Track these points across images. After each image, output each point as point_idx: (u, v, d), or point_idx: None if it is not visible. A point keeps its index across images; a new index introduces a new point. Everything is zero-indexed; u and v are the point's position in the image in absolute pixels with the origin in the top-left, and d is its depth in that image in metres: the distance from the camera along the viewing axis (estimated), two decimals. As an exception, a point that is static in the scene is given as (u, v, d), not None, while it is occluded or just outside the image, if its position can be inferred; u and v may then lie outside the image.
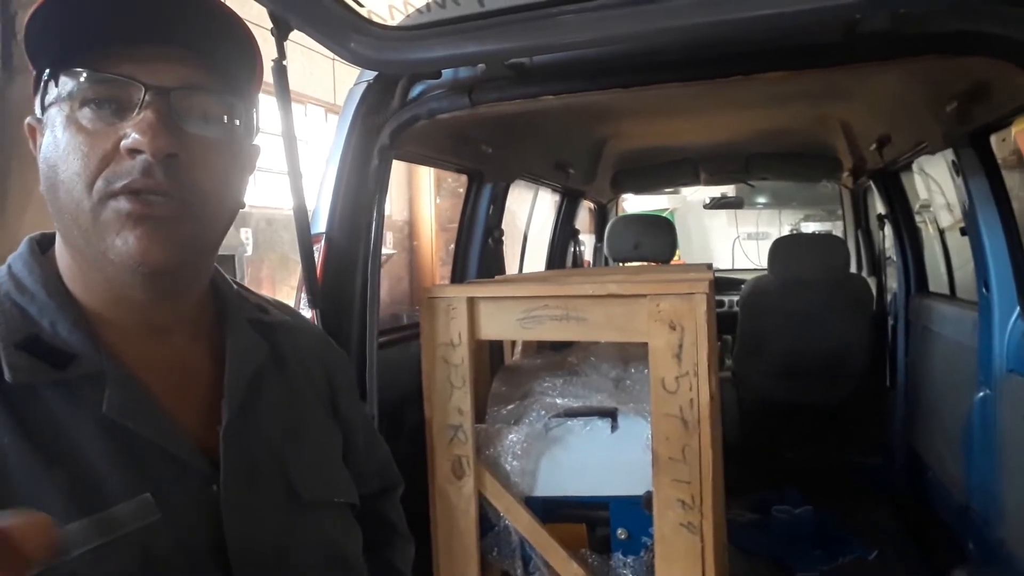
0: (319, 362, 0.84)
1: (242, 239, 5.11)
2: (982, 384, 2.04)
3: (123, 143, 0.60)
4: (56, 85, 0.62)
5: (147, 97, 0.61)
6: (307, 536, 0.71)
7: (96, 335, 0.64)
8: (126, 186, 0.60)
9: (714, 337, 1.61)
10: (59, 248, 0.68)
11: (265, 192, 5.85)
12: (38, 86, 0.64)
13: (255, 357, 0.74)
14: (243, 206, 0.72)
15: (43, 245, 0.70)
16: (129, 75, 0.61)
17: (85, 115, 0.61)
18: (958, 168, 2.00)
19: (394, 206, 7.24)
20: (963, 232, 2.25)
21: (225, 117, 0.66)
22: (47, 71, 0.63)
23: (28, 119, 0.67)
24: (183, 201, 0.62)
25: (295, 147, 1.27)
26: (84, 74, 0.61)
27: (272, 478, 0.70)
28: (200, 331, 0.73)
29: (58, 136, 0.62)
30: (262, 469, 0.69)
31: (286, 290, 5.71)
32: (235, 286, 0.79)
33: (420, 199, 7.56)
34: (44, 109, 0.63)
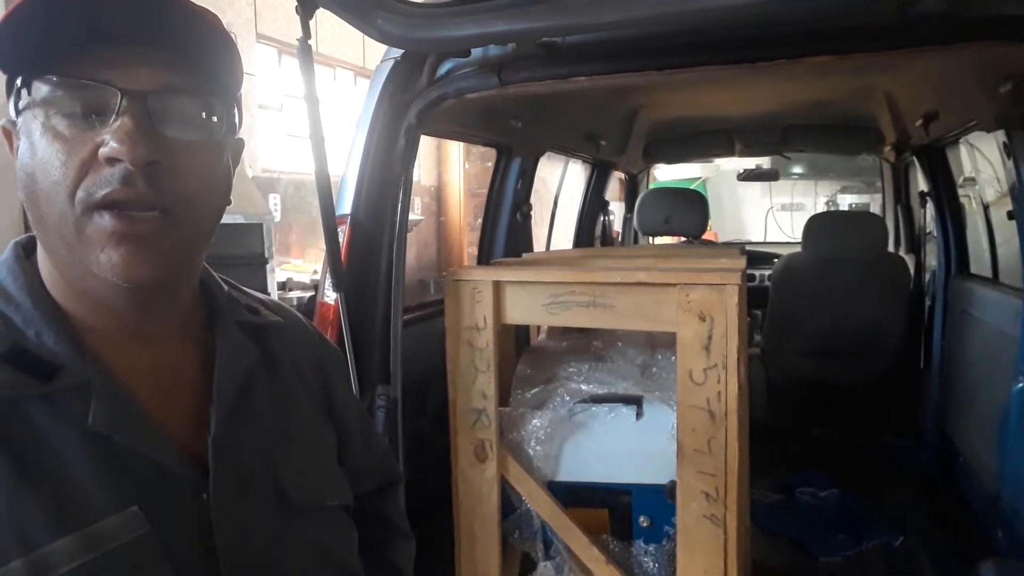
0: (313, 362, 0.82)
1: (270, 206, 5.13)
2: (1022, 375, 1.98)
3: (101, 151, 0.58)
4: (29, 92, 0.60)
5: (124, 102, 0.59)
6: (299, 542, 0.71)
7: (82, 343, 0.63)
8: (107, 196, 0.58)
9: (744, 328, 1.57)
10: (41, 255, 0.66)
11: (294, 158, 5.85)
12: (11, 90, 0.62)
13: (245, 362, 0.72)
14: (229, 203, 0.70)
15: (28, 249, 0.68)
16: (104, 80, 0.59)
17: (61, 122, 0.59)
18: (1009, 150, 1.91)
19: (422, 171, 7.20)
20: (1010, 216, 2.17)
21: (205, 117, 0.64)
22: (20, 78, 0.60)
23: (3, 122, 0.65)
24: (167, 211, 0.61)
25: (322, 143, 1.25)
26: (58, 80, 0.59)
27: (263, 484, 0.69)
28: (189, 336, 0.71)
29: (35, 143, 0.59)
30: (252, 476, 0.68)
31: (314, 252, 5.74)
32: (226, 287, 0.77)
33: (449, 164, 7.50)
34: (19, 113, 0.61)
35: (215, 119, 0.65)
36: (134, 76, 0.59)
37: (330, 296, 1.53)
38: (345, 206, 1.58)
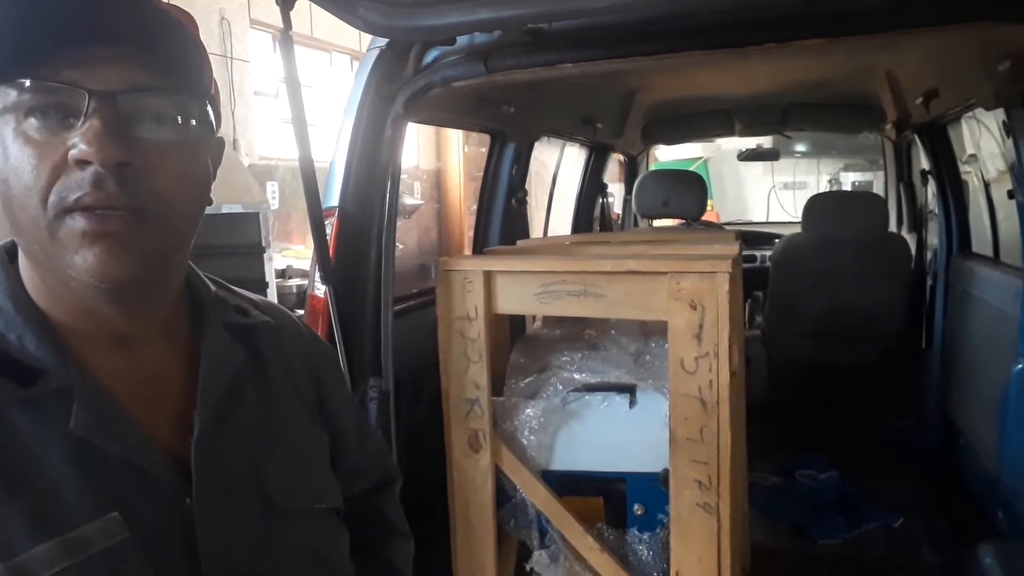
0: (304, 362, 0.81)
1: (268, 194, 5.11)
2: (1022, 356, 1.96)
3: (71, 154, 0.57)
4: None
5: (92, 103, 0.57)
6: (286, 546, 0.70)
7: (64, 347, 0.63)
8: (78, 201, 0.58)
9: (738, 316, 1.56)
10: (23, 259, 0.66)
11: (291, 144, 5.83)
12: None
13: (230, 364, 0.72)
14: (210, 203, 0.69)
15: (12, 253, 0.67)
16: (72, 81, 0.58)
17: (32, 125, 0.58)
18: (1008, 129, 1.88)
19: (422, 156, 7.17)
20: (1010, 195, 2.14)
21: (179, 117, 0.63)
22: None
23: None
24: (140, 212, 0.60)
25: (306, 136, 1.24)
26: (26, 83, 0.58)
27: (248, 489, 0.68)
28: (174, 338, 0.70)
29: (7, 148, 0.59)
30: (237, 480, 0.68)
31: (315, 239, 5.73)
32: (213, 288, 0.76)
33: (448, 149, 7.46)
34: None
35: (190, 119, 0.64)
36: (103, 76, 0.58)
37: (320, 289, 1.52)
38: (333, 198, 1.57)
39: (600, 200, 3.71)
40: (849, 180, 5.91)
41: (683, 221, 3.47)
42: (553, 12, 1.28)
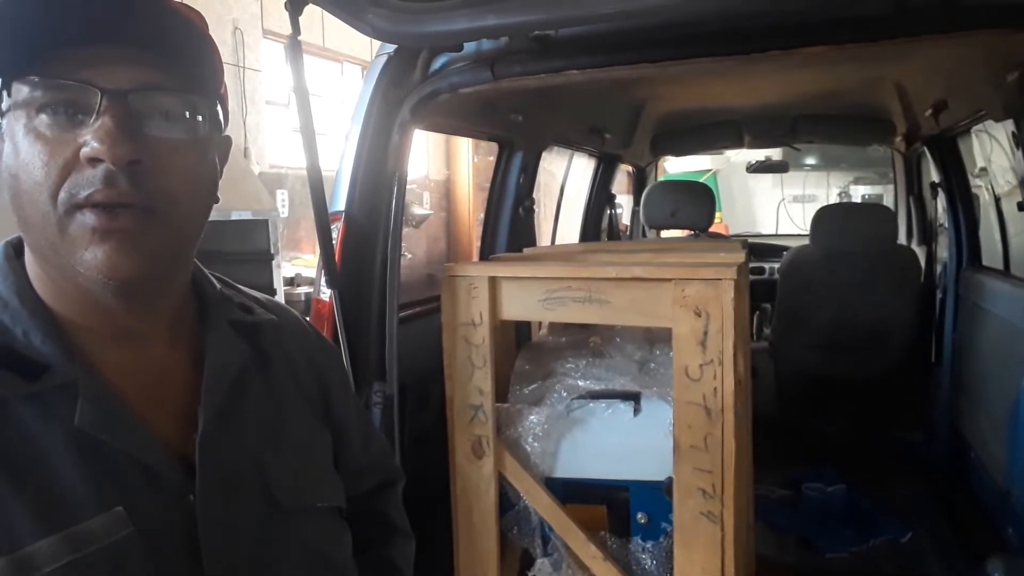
0: (308, 361, 0.82)
1: (278, 202, 5.14)
2: (1032, 370, 1.94)
3: (83, 151, 0.58)
4: (10, 94, 0.60)
5: (104, 102, 0.59)
6: (287, 544, 0.70)
7: (70, 343, 0.63)
8: (89, 198, 0.58)
9: (743, 323, 1.55)
10: (29, 255, 0.66)
11: (301, 154, 5.87)
12: None
13: (235, 362, 0.72)
14: (217, 201, 0.70)
15: (18, 249, 0.68)
16: (84, 79, 0.59)
17: (43, 122, 0.59)
18: (1018, 140, 1.88)
19: (431, 166, 7.20)
20: (1020, 208, 2.13)
21: (188, 115, 0.64)
22: (0, 80, 0.61)
23: None
24: (150, 209, 0.61)
25: (313, 137, 1.25)
26: (37, 81, 0.59)
27: (251, 486, 0.69)
28: (179, 335, 0.71)
29: (18, 144, 0.60)
30: (240, 477, 0.68)
31: (325, 248, 5.75)
32: (219, 286, 0.77)
33: (458, 159, 7.49)
34: (2, 115, 0.61)
35: (198, 117, 0.65)
36: (115, 75, 0.60)
37: (325, 293, 1.53)
38: (340, 203, 1.58)
39: (608, 211, 3.71)
40: (859, 193, 5.90)
41: (691, 232, 3.47)
42: (559, 19, 1.29)
